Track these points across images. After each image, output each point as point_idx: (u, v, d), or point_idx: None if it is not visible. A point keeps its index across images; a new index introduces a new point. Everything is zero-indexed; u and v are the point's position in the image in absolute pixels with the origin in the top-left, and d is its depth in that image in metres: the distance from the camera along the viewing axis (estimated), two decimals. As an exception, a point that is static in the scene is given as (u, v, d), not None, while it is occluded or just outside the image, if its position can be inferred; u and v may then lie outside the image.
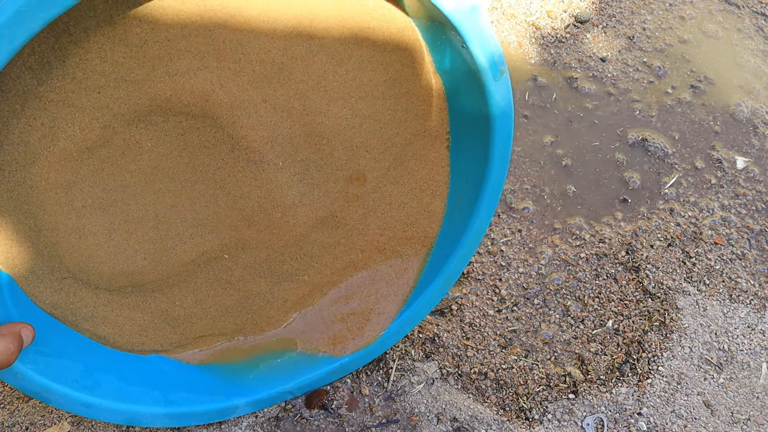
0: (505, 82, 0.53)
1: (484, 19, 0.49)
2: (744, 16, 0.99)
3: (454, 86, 0.55)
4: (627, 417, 0.66)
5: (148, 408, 0.56)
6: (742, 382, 0.68)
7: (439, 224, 0.61)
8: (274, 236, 0.56)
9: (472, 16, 0.48)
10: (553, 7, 0.97)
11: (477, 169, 0.57)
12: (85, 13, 0.43)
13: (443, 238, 0.61)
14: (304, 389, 0.62)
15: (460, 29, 0.48)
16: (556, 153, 0.84)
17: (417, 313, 0.61)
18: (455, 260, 0.59)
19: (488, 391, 0.66)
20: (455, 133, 0.59)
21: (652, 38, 0.96)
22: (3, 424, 0.62)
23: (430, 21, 0.51)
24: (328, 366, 0.61)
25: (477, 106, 0.54)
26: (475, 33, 0.48)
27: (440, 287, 0.60)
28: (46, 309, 0.54)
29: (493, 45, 0.49)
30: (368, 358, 0.62)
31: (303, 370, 0.61)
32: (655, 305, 0.73)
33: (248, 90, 0.49)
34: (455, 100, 0.56)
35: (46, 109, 0.46)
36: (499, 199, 0.58)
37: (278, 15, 0.47)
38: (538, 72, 0.91)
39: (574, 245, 0.77)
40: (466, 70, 0.52)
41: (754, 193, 0.82)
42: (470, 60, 0.50)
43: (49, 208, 0.49)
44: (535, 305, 0.72)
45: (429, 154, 0.59)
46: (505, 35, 0.94)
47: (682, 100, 0.90)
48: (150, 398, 0.56)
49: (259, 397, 0.59)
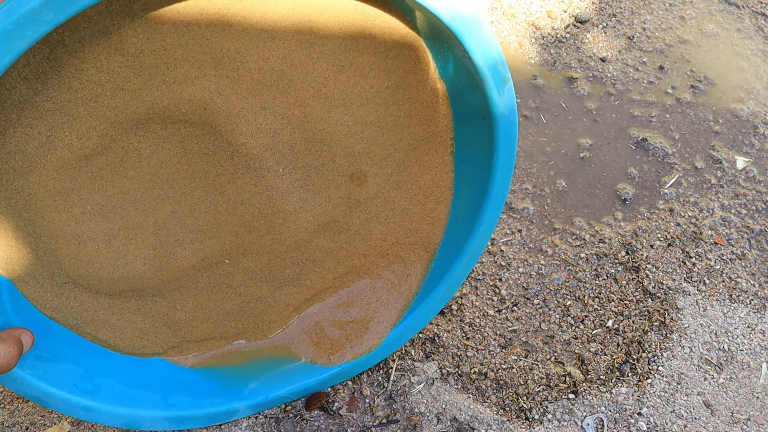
0: (509, 89, 0.53)
1: (486, 29, 0.49)
2: (744, 16, 0.99)
3: (458, 91, 0.55)
4: (627, 417, 0.66)
5: (148, 411, 0.56)
6: (742, 382, 0.69)
7: (442, 230, 0.61)
8: (275, 241, 0.56)
9: (473, 25, 0.48)
10: (553, 7, 0.97)
11: (481, 175, 0.57)
12: (79, 23, 0.43)
13: (447, 245, 0.61)
14: (304, 393, 0.62)
15: (462, 39, 0.48)
16: (556, 153, 0.84)
17: (419, 319, 0.61)
18: (459, 267, 0.59)
19: (488, 391, 0.66)
20: (459, 139, 0.58)
21: (652, 38, 0.96)
22: (3, 424, 0.62)
23: (431, 29, 0.51)
24: (328, 371, 0.61)
25: (480, 112, 0.54)
26: (477, 42, 0.48)
27: (443, 294, 0.60)
28: (47, 313, 0.54)
29: (496, 53, 0.49)
30: (369, 363, 0.62)
31: (303, 374, 0.61)
32: (655, 305, 0.73)
33: (247, 98, 0.49)
34: (459, 105, 0.56)
35: (42, 119, 0.46)
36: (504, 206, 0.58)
37: (277, 22, 0.47)
38: (538, 72, 0.91)
39: (574, 245, 0.77)
40: (469, 78, 0.52)
41: (754, 193, 0.82)
42: (473, 69, 0.50)
43: (47, 215, 0.49)
44: (535, 305, 0.72)
45: (433, 159, 0.59)
46: (505, 35, 0.94)
47: (682, 100, 0.90)
48: (150, 401, 0.57)
49: (259, 400, 0.60)
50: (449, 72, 0.55)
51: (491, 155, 0.56)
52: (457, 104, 0.57)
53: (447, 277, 0.59)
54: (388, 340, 0.61)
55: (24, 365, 0.51)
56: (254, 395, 0.59)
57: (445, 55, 0.53)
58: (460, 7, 0.47)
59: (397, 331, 0.61)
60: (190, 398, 0.58)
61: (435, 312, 0.61)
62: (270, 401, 0.60)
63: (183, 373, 0.59)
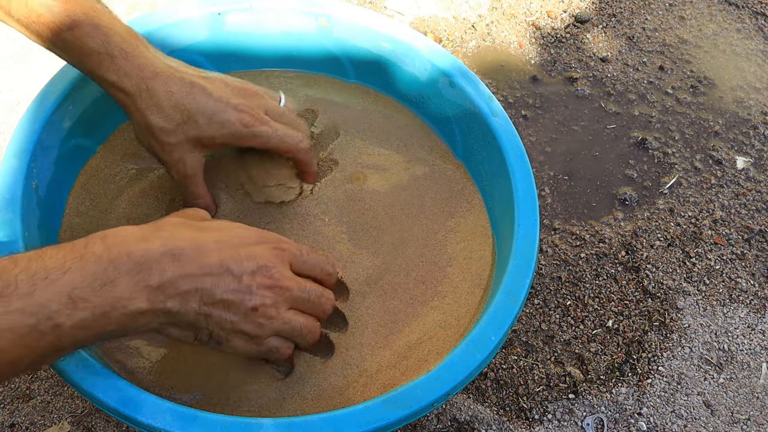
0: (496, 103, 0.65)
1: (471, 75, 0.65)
2: (744, 16, 0.99)
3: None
4: (627, 417, 0.66)
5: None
6: (742, 382, 0.69)
7: (491, 266, 0.62)
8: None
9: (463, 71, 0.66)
10: (553, 7, 0.97)
11: (502, 183, 0.62)
12: None
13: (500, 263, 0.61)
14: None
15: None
16: (556, 153, 0.84)
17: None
18: (512, 272, 0.56)
19: (488, 391, 0.66)
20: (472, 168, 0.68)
21: (652, 38, 0.96)
22: (3, 424, 0.62)
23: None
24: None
25: (496, 169, 0.63)
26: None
27: (504, 303, 0.55)
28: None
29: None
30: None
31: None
32: (655, 305, 0.73)
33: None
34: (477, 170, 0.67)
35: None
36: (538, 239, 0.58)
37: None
38: (538, 72, 0.91)
39: (574, 245, 0.77)
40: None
41: (754, 193, 0.82)
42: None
43: None
44: (535, 305, 0.72)
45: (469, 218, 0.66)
46: (505, 35, 0.94)
47: (682, 100, 0.90)
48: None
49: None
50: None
51: (501, 159, 0.62)
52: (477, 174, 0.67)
53: (503, 285, 0.55)
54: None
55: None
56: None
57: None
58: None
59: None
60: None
61: (507, 317, 0.54)
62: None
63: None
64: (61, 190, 0.62)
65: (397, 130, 0.70)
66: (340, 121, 0.70)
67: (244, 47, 0.71)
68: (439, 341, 0.58)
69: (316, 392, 0.55)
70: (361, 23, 0.68)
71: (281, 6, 0.69)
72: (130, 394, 0.47)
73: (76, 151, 0.64)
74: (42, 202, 0.58)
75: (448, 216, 0.65)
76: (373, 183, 0.66)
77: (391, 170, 0.67)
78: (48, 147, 0.59)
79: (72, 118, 0.62)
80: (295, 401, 0.54)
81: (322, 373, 0.56)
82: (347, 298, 0.59)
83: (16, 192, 0.54)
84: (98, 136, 0.66)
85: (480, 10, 0.96)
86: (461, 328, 0.58)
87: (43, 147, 0.59)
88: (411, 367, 0.56)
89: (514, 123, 0.86)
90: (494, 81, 0.89)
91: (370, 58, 0.70)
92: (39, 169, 0.58)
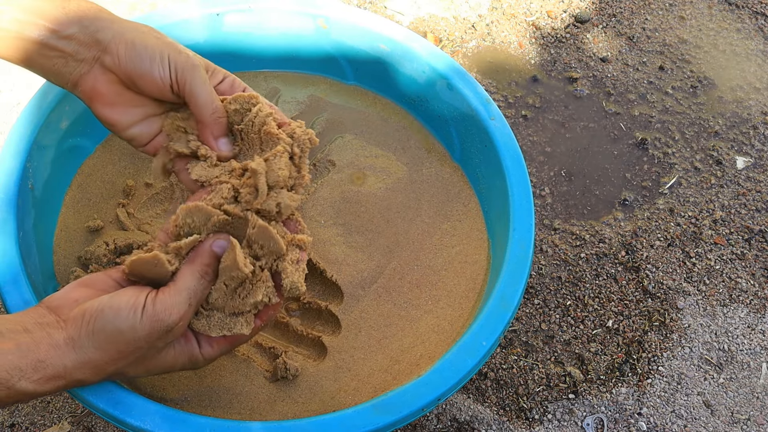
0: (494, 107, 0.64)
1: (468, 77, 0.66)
2: (744, 16, 0.99)
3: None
4: (627, 417, 0.66)
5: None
6: (742, 382, 0.68)
7: (486, 272, 0.62)
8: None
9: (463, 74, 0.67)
10: (553, 7, 0.97)
11: (498, 184, 0.62)
12: None
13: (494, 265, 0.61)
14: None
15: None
16: (556, 153, 0.84)
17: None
18: (506, 277, 0.56)
19: (488, 391, 0.66)
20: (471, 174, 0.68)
21: (652, 38, 0.96)
22: (3, 424, 0.62)
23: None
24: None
25: (498, 182, 0.62)
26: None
27: (497, 307, 0.55)
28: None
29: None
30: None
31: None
32: (655, 305, 0.73)
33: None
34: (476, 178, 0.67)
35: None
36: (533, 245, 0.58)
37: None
38: (538, 72, 0.91)
39: (574, 245, 0.77)
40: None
41: (754, 193, 0.82)
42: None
43: None
44: (535, 305, 0.72)
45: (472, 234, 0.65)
46: (505, 35, 0.94)
47: (682, 100, 0.90)
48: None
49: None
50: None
51: (498, 162, 0.62)
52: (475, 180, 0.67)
53: (496, 290, 0.55)
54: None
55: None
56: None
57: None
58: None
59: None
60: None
61: (500, 321, 0.54)
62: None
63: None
64: (57, 190, 0.62)
65: (395, 131, 0.70)
66: (338, 122, 0.70)
67: (243, 48, 0.71)
68: (431, 345, 0.58)
69: (308, 395, 0.55)
70: (359, 25, 0.68)
71: (280, 7, 0.69)
72: (120, 396, 0.47)
73: (73, 151, 0.64)
74: (38, 202, 0.58)
75: (445, 219, 0.65)
76: (370, 185, 0.66)
77: (389, 172, 0.67)
78: (45, 147, 0.60)
79: (69, 117, 0.62)
80: (286, 404, 0.55)
81: (314, 376, 0.56)
82: (341, 302, 0.59)
83: (11, 192, 0.55)
84: (95, 136, 0.66)
85: (480, 10, 0.96)
86: (454, 332, 0.58)
87: (39, 147, 0.59)
88: (403, 371, 0.56)
89: (514, 123, 0.86)
90: (494, 81, 0.89)
91: (368, 59, 0.70)
92: (35, 168, 0.58)
